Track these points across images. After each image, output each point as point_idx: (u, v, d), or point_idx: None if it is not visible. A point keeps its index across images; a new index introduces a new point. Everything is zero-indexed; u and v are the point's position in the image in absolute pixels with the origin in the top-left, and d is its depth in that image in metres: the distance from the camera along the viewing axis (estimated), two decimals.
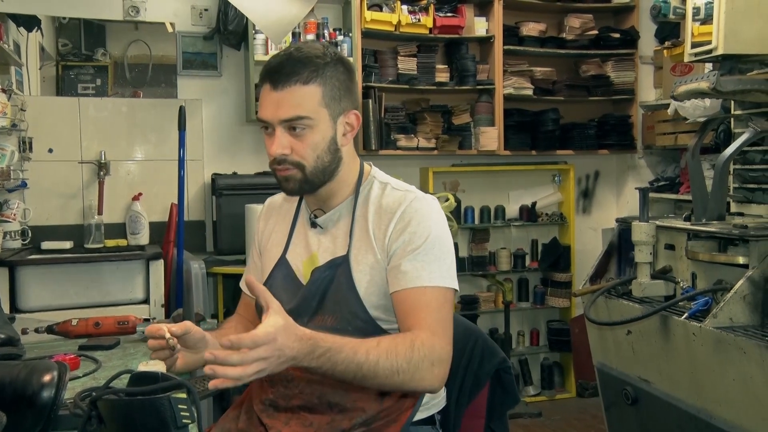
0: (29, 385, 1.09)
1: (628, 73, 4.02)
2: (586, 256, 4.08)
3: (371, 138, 3.58)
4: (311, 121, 1.29)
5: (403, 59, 3.68)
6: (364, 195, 1.39)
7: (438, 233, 1.33)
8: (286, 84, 1.28)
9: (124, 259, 2.97)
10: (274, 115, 1.29)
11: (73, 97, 3.36)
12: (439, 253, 1.31)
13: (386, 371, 1.17)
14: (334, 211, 1.40)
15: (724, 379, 1.96)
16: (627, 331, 2.41)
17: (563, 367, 4.17)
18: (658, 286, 2.33)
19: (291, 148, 1.30)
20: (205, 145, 3.57)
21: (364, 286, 1.32)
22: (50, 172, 3.27)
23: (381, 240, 1.33)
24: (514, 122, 3.88)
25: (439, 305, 1.28)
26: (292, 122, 1.29)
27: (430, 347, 1.22)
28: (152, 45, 3.53)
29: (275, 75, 1.29)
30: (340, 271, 1.34)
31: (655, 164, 4.07)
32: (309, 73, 1.28)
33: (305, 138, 1.30)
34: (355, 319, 1.32)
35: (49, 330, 1.77)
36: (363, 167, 1.43)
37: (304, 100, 1.28)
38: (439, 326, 1.26)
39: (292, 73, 1.28)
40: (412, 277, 1.28)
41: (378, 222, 1.35)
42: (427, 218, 1.33)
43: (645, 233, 2.36)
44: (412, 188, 1.40)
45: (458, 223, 3.73)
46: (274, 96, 1.29)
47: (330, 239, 1.39)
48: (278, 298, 1.39)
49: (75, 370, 1.48)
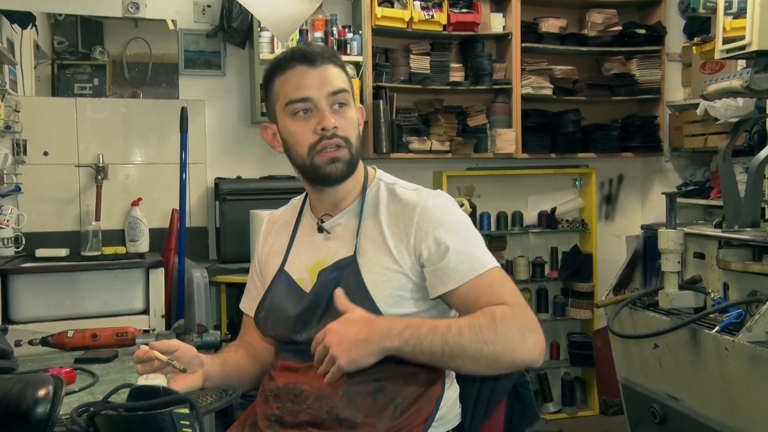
0: (23, 400, 1.09)
1: (654, 71, 4.00)
2: (609, 265, 4.04)
3: (382, 140, 3.58)
4: (349, 96, 1.38)
5: (416, 58, 3.68)
6: (371, 197, 1.41)
7: (465, 221, 1.37)
8: (325, 61, 1.36)
9: (122, 268, 2.97)
10: (320, 89, 1.35)
11: (69, 97, 3.38)
12: (475, 239, 1.35)
13: (473, 343, 1.20)
14: (341, 215, 1.42)
15: (759, 396, 1.94)
16: (654, 344, 2.39)
17: (585, 382, 4.13)
18: (687, 297, 2.31)
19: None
20: (208, 147, 3.58)
21: (375, 285, 1.33)
22: (45, 176, 3.28)
23: (402, 241, 1.34)
24: (533, 124, 3.87)
25: (502, 282, 1.32)
26: (337, 96, 1.36)
27: (512, 316, 1.24)
28: (152, 43, 3.54)
29: (309, 54, 1.36)
30: (348, 271, 1.34)
31: (683, 168, 4.05)
32: (336, 58, 1.39)
33: (346, 114, 1.37)
34: None
35: (43, 342, 1.77)
36: (367, 170, 1.46)
37: (339, 76, 1.37)
38: (514, 297, 1.29)
39: (324, 53, 1.37)
40: (463, 271, 1.30)
41: (395, 223, 1.36)
42: (450, 210, 1.36)
43: (672, 241, 2.34)
44: (422, 187, 1.43)
45: None
46: (313, 73, 1.35)
47: (338, 243, 1.40)
48: (281, 306, 1.41)
49: (71, 384, 1.48)
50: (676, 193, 2.70)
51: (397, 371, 1.32)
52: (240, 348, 1.55)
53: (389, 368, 1.31)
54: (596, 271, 4.03)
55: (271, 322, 1.43)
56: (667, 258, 2.34)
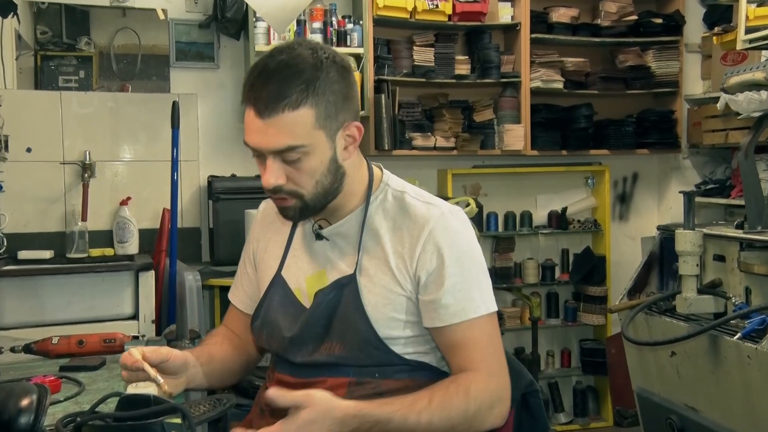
0: (5, 410, 1.08)
1: (671, 63, 3.99)
2: (623, 268, 4.04)
3: (384, 137, 3.58)
4: (306, 147, 1.25)
5: (419, 50, 3.68)
6: (375, 205, 1.38)
7: (473, 254, 1.35)
8: (273, 112, 1.22)
9: (110, 270, 2.97)
10: (262, 144, 1.25)
11: (53, 90, 3.38)
12: (477, 277, 1.34)
13: (442, 428, 1.24)
14: (342, 222, 1.38)
15: None
16: (671, 352, 2.38)
17: (598, 392, 4.13)
18: (707, 302, 2.31)
19: (286, 177, 1.27)
20: (201, 144, 3.58)
21: (376, 309, 1.32)
22: (28, 173, 3.28)
23: (404, 262, 1.32)
24: (543, 119, 3.87)
25: (489, 336, 1.32)
26: (285, 154, 1.25)
27: (485, 391, 1.28)
28: (142, 33, 3.54)
29: (258, 102, 1.23)
30: (347, 292, 1.33)
31: (702, 165, 4.05)
32: (298, 95, 1.22)
33: (301, 165, 1.26)
34: (366, 346, 1.32)
35: (26, 349, 1.77)
36: (372, 171, 1.41)
37: (296, 126, 1.23)
38: (494, 362, 1.31)
39: (279, 96, 1.22)
40: (455, 311, 1.30)
41: (398, 241, 1.34)
42: (460, 238, 1.34)
43: (691, 242, 2.34)
44: (434, 199, 1.39)
45: (480, 230, 3.71)
46: (259, 124, 1.24)
47: (338, 254, 1.38)
48: (277, 323, 1.41)
49: (56, 393, 1.48)
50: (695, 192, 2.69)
51: (398, 385, 1.33)
52: (225, 340, 1.53)
53: (389, 382, 1.33)
54: (609, 275, 4.03)
55: (266, 335, 1.43)
56: (685, 260, 2.34)
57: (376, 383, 1.33)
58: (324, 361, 1.35)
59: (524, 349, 4.04)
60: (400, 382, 1.33)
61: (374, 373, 1.33)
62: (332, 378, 1.34)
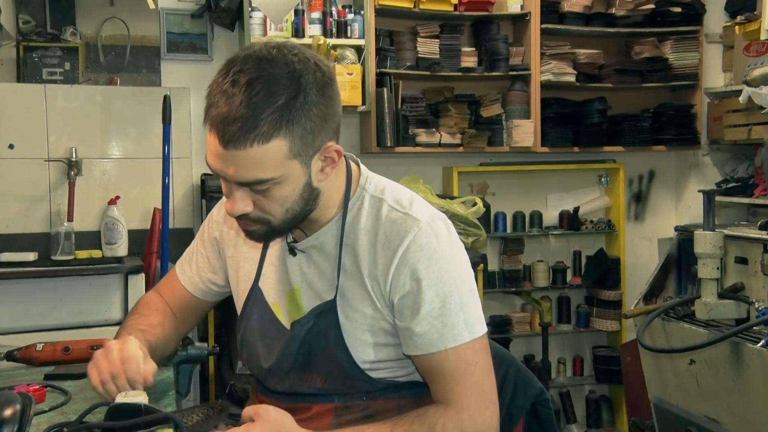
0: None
1: (690, 54, 3.99)
2: (638, 271, 4.05)
3: (386, 133, 3.57)
4: (277, 179, 1.17)
5: (424, 41, 3.67)
6: (353, 214, 1.31)
7: (453, 274, 1.27)
8: (239, 144, 1.11)
9: (98, 273, 2.97)
10: (227, 174, 1.16)
11: (37, 83, 3.38)
12: (459, 300, 1.27)
13: None
14: (317, 235, 1.33)
15: None
16: (690, 360, 2.38)
17: (612, 401, 4.13)
18: (728, 308, 2.30)
19: (253, 204, 1.21)
20: (194, 141, 3.58)
21: (356, 337, 1.30)
22: (11, 171, 3.28)
23: (378, 284, 1.28)
24: (554, 114, 3.86)
25: (468, 366, 1.27)
26: (252, 185, 1.17)
27: (454, 430, 1.24)
28: (131, 24, 3.54)
29: (222, 130, 1.12)
30: (326, 321, 1.31)
31: (723, 162, 4.05)
32: (270, 126, 1.11)
33: (271, 195, 1.19)
34: (348, 379, 1.31)
35: (8, 356, 1.76)
36: (350, 171, 1.34)
37: (266, 159, 1.14)
38: (471, 395, 1.26)
39: (246, 128, 1.10)
40: (431, 339, 1.26)
41: (373, 258, 1.28)
42: (438, 257, 1.26)
43: (711, 244, 2.33)
44: (415, 206, 1.30)
45: (487, 231, 3.71)
46: (222, 153, 1.13)
47: (315, 272, 1.34)
48: (255, 350, 1.40)
49: (40, 403, 1.47)
50: (715, 190, 2.69)
51: (389, 405, 1.32)
52: (166, 321, 1.53)
53: (378, 403, 1.33)
54: (624, 278, 4.02)
55: (246, 355, 1.44)
56: (704, 263, 2.33)
57: (365, 405, 1.33)
58: (305, 392, 1.35)
59: (534, 357, 4.04)
60: (389, 401, 1.33)
61: (361, 396, 1.33)
62: (317, 405, 1.34)
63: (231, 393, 2.90)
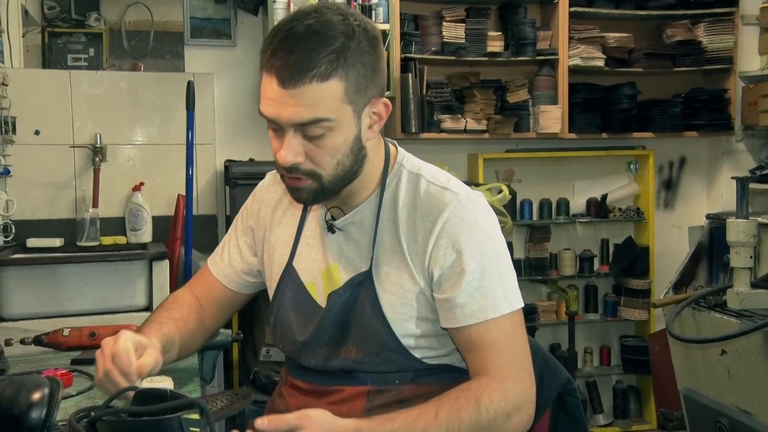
0: (16, 405, 1.10)
1: (725, 37, 3.93)
2: (668, 260, 4.02)
3: (411, 119, 3.57)
4: (332, 122, 1.21)
5: (449, 25, 3.66)
6: (391, 190, 1.35)
7: (493, 246, 1.30)
8: (299, 82, 1.17)
9: (123, 260, 3.00)
10: (281, 116, 1.20)
11: (62, 69, 3.41)
12: (498, 272, 1.29)
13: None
14: (356, 212, 1.35)
15: None
16: (721, 350, 2.36)
17: (640, 392, 4.11)
18: (761, 297, 2.28)
19: (305, 155, 1.23)
20: (218, 127, 3.60)
21: (394, 309, 1.31)
22: (37, 157, 3.32)
23: (418, 257, 1.30)
24: (582, 99, 3.84)
25: (508, 338, 1.28)
26: (308, 128, 1.21)
27: (500, 400, 1.25)
28: (154, 9, 3.56)
29: (283, 71, 1.17)
30: (363, 291, 1.32)
31: (757, 149, 4.00)
32: (328, 65, 1.17)
33: (324, 142, 1.22)
34: (384, 351, 1.32)
35: (36, 341, 1.79)
36: (389, 150, 1.38)
37: (324, 99, 1.19)
38: (512, 365, 1.28)
39: (307, 66, 1.16)
40: (471, 311, 1.27)
41: (412, 231, 1.31)
42: (477, 228, 1.30)
43: (744, 232, 2.31)
44: (452, 182, 1.35)
45: (513, 219, 3.70)
46: (281, 94, 1.19)
47: (353, 246, 1.36)
48: (288, 324, 1.40)
49: (67, 387, 1.50)
50: (749, 177, 2.66)
51: (420, 390, 1.33)
52: (191, 314, 1.52)
53: (410, 388, 1.33)
54: (653, 267, 4.00)
55: (279, 334, 1.44)
56: (737, 252, 2.31)
57: (397, 390, 1.33)
58: (339, 367, 1.35)
59: (560, 346, 4.03)
60: (421, 387, 1.33)
61: (394, 380, 1.33)
62: (350, 387, 1.34)
63: (255, 380, 2.93)
